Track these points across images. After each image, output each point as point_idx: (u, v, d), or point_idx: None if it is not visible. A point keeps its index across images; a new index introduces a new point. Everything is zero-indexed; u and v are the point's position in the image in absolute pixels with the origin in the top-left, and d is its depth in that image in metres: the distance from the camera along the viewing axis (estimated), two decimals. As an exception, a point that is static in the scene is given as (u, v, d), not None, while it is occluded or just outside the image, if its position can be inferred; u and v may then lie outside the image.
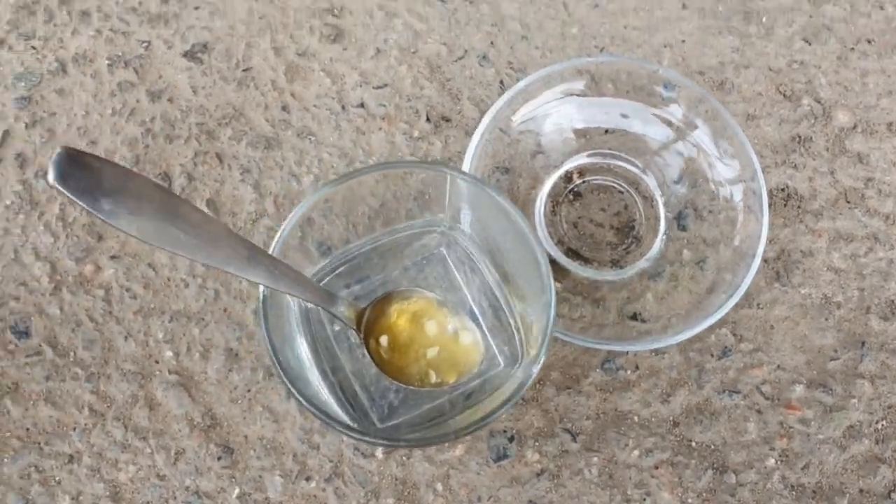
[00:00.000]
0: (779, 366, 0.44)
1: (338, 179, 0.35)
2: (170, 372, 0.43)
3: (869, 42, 0.50)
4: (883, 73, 0.49)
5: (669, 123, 0.45)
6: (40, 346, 0.43)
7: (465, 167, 0.42)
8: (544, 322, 0.33)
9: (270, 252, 0.34)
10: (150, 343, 0.43)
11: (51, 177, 0.24)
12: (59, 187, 0.24)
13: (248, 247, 0.30)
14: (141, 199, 0.26)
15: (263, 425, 0.42)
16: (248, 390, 0.43)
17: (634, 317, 0.43)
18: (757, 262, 0.41)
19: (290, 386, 0.31)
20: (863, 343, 0.44)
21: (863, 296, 0.45)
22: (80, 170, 0.25)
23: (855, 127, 0.48)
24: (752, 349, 0.44)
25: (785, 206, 0.46)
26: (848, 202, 0.47)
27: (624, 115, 0.45)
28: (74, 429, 0.42)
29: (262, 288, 0.33)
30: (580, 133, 0.46)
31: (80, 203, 0.25)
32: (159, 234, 0.27)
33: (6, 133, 0.46)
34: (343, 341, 0.40)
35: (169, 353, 0.43)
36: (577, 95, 0.45)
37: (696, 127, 0.44)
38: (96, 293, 0.44)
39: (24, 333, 0.43)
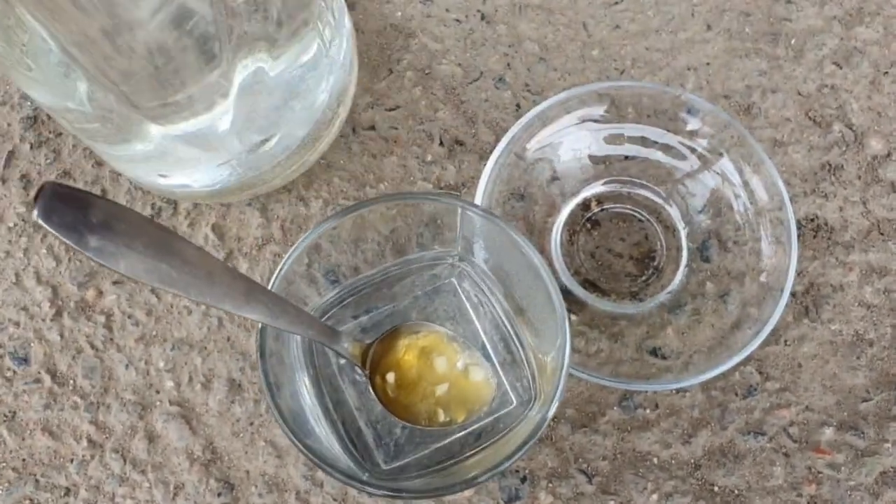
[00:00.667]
0: (807, 406, 0.42)
1: (342, 212, 0.34)
2: (170, 402, 0.42)
3: (903, 66, 0.47)
4: (918, 99, 0.47)
5: (693, 150, 0.43)
6: (39, 373, 0.42)
7: (479, 193, 0.40)
8: (559, 364, 0.31)
9: (270, 286, 0.32)
10: (150, 372, 0.42)
11: (35, 213, 0.23)
12: (43, 223, 0.23)
13: (246, 283, 0.29)
14: (130, 235, 0.25)
15: (266, 460, 0.41)
16: (251, 423, 0.41)
17: (654, 352, 0.41)
18: (785, 296, 0.39)
19: (288, 432, 0.29)
20: (897, 384, 0.42)
21: (897, 333, 0.43)
22: (65, 205, 0.23)
23: (889, 155, 0.46)
24: (778, 388, 0.42)
25: (814, 237, 0.44)
26: (881, 234, 0.44)
27: (645, 142, 0.43)
28: (72, 460, 0.41)
29: (260, 323, 0.31)
30: (599, 159, 0.44)
31: (65, 240, 0.23)
32: (150, 272, 0.25)
33: (11, 153, 0.46)
34: (347, 375, 0.38)
35: (170, 383, 0.42)
36: (597, 121, 0.43)
37: (720, 154, 0.42)
38: (97, 319, 0.43)
39: (24, 360, 0.42)
